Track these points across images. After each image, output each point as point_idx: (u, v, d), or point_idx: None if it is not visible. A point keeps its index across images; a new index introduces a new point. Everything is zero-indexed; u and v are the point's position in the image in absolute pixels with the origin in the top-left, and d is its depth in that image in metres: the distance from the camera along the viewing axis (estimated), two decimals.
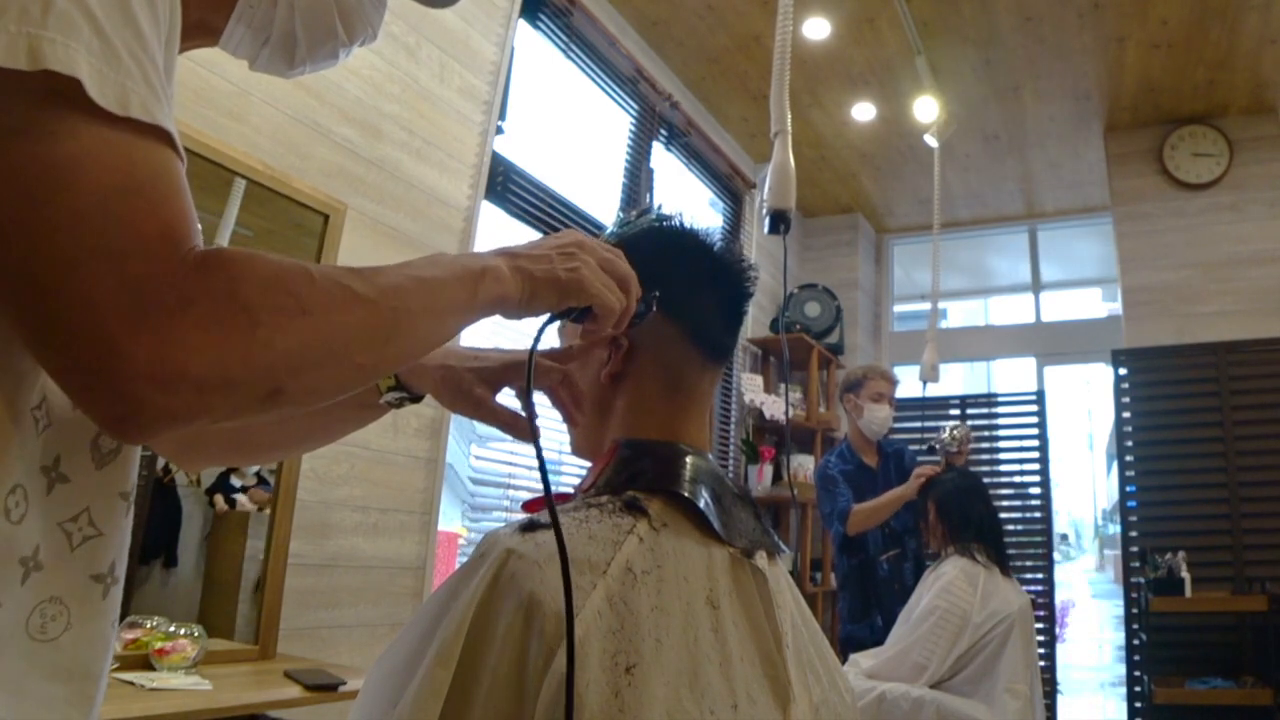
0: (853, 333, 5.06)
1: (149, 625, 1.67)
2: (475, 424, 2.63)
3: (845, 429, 3.35)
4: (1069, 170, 4.75)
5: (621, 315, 0.68)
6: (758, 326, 4.64)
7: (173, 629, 1.67)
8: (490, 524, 2.90)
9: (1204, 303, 4.06)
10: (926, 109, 3.66)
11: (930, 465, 2.86)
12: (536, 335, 0.67)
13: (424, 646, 0.60)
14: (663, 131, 3.92)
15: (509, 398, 0.82)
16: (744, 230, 4.64)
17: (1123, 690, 3.99)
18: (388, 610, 2.31)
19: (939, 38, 3.61)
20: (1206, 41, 3.59)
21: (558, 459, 2.95)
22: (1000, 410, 4.97)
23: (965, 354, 5.48)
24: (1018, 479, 4.77)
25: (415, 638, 0.62)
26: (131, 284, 0.41)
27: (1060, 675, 4.58)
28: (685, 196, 4.30)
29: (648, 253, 0.79)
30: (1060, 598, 5.82)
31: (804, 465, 4.36)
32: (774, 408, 4.39)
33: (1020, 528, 4.65)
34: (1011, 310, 6.13)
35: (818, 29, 3.58)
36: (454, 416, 2.54)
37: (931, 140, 3.63)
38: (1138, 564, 3.78)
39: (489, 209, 2.82)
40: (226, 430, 0.76)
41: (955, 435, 2.95)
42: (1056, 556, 5.10)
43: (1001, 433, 4.87)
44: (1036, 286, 5.31)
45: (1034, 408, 4.76)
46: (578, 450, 0.85)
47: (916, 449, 3.19)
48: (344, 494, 2.21)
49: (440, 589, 0.65)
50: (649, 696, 0.59)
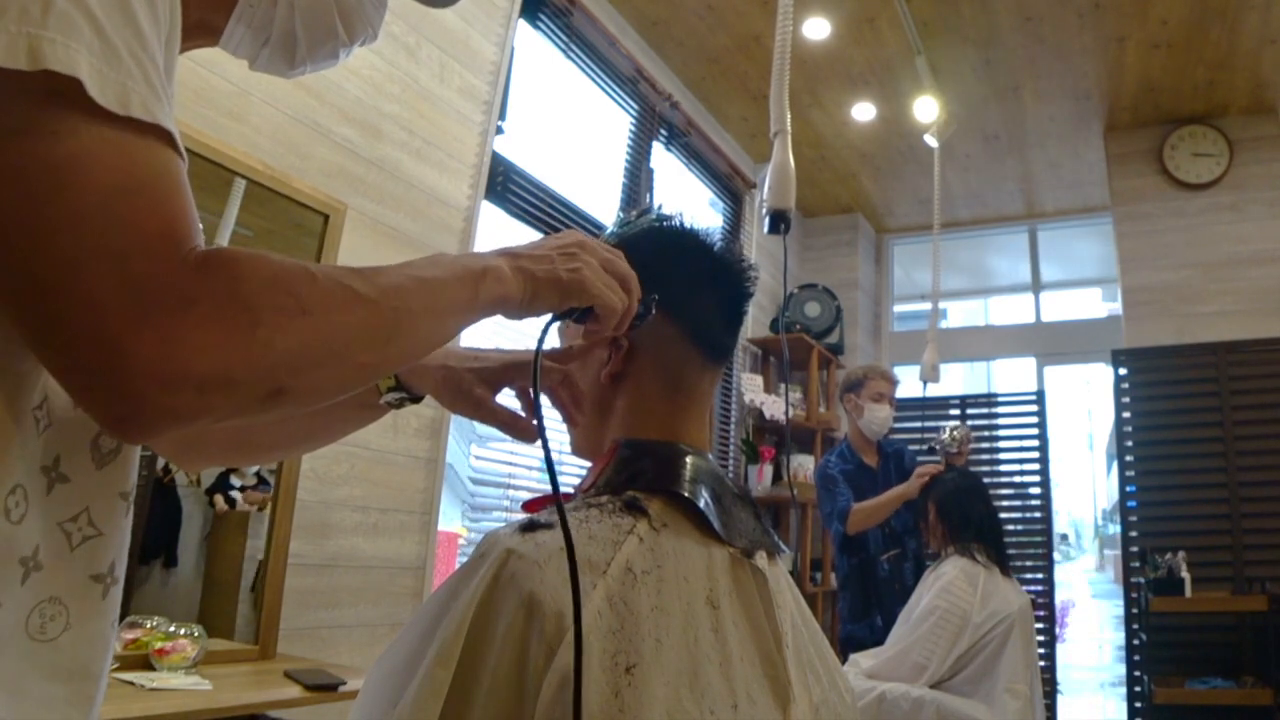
0: (853, 333, 5.06)
1: (149, 625, 1.67)
2: (475, 424, 2.63)
3: (845, 429, 3.35)
4: (1069, 170, 4.75)
5: (623, 315, 0.68)
6: (758, 326, 4.64)
7: (173, 629, 1.67)
8: (490, 524, 2.90)
9: (1204, 303, 4.06)
10: (926, 109, 3.66)
11: (933, 465, 2.86)
12: (540, 335, 0.67)
13: (424, 646, 0.60)
14: (663, 131, 3.92)
15: (509, 398, 0.82)
16: (744, 230, 4.63)
17: (1123, 690, 3.99)
18: (388, 610, 2.31)
19: (939, 38, 3.61)
20: (1206, 41, 3.59)
21: (558, 459, 2.93)
22: (1000, 410, 4.96)
23: (965, 354, 5.47)
24: (1018, 479, 4.76)
25: (415, 638, 0.62)
26: (134, 283, 0.41)
27: (1060, 675, 4.58)
28: (685, 196, 4.30)
29: (648, 253, 0.79)
30: (1060, 598, 5.82)
31: (804, 465, 4.36)
32: (774, 408, 4.39)
33: (1020, 528, 4.65)
34: (1011, 310, 6.13)
35: (818, 29, 3.58)
36: (454, 416, 2.53)
37: (931, 140, 3.63)
38: (1138, 564, 3.78)
39: (489, 209, 2.82)
40: (226, 430, 0.76)
41: (955, 436, 2.94)
42: (1056, 556, 5.10)
43: (1001, 433, 4.87)
44: (1036, 286, 5.31)
45: (1034, 408, 4.76)
46: (577, 450, 0.85)
47: (916, 449, 3.18)
48: (344, 494, 2.21)
49: (440, 589, 0.65)
50: (649, 696, 0.59)
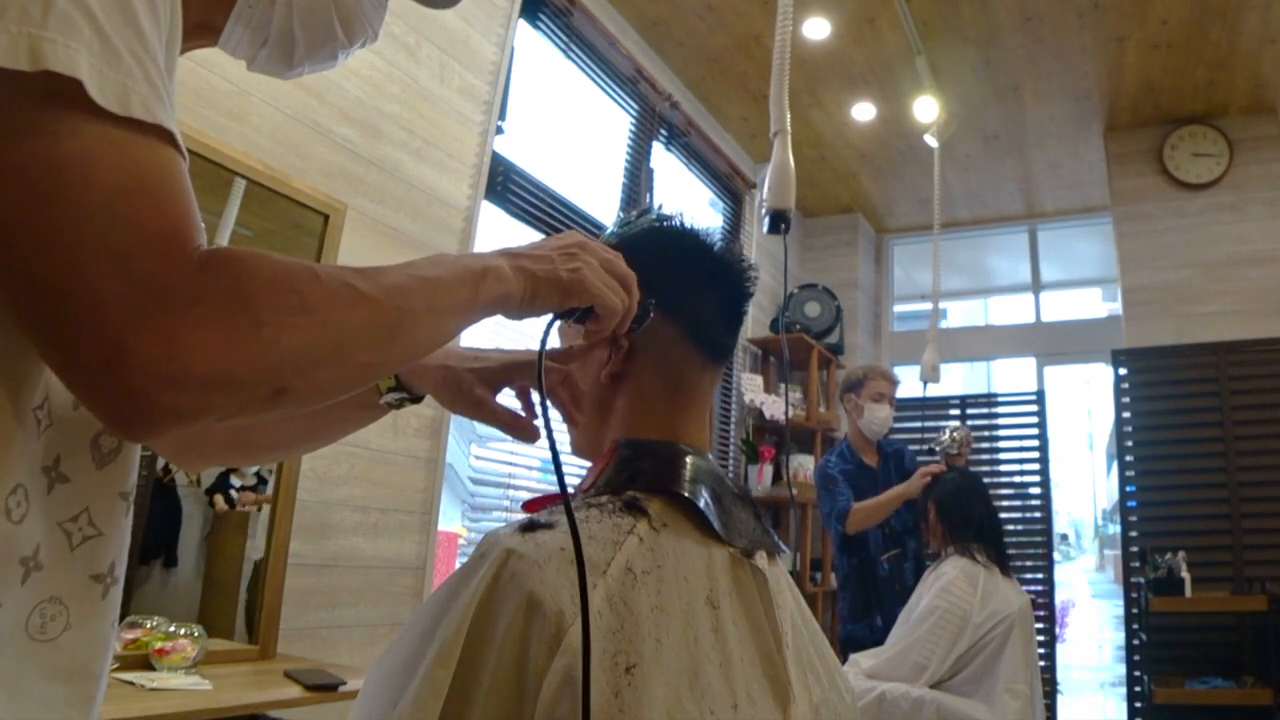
0: (853, 333, 5.06)
1: (149, 625, 1.67)
2: (475, 424, 2.63)
3: (845, 429, 3.35)
4: (1069, 170, 4.75)
5: (623, 316, 0.68)
6: (758, 326, 4.64)
7: (173, 629, 1.67)
8: (490, 524, 2.90)
9: (1204, 303, 4.06)
10: (926, 109, 3.66)
11: (935, 464, 2.86)
12: (543, 335, 0.67)
13: (424, 646, 0.60)
14: (663, 131, 3.92)
15: (509, 398, 0.82)
16: (744, 230, 4.63)
17: (1123, 690, 3.99)
18: (388, 610, 2.31)
19: (939, 38, 3.61)
20: (1206, 41, 3.59)
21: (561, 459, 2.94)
22: (1000, 410, 4.96)
23: (965, 354, 5.47)
24: (1018, 479, 4.76)
25: (415, 638, 0.62)
26: (137, 283, 0.41)
27: (1060, 675, 4.58)
28: (685, 196, 4.30)
29: (648, 253, 0.79)
30: (1060, 598, 5.82)
31: (804, 465, 4.36)
32: (774, 408, 4.39)
33: (1020, 528, 4.65)
34: (1011, 310, 6.13)
35: (818, 29, 3.58)
36: (454, 416, 2.53)
37: (931, 140, 3.63)
38: (1138, 564, 3.78)
39: (489, 209, 2.82)
40: (226, 430, 0.76)
41: (955, 437, 2.94)
42: (1056, 556, 5.10)
43: (1001, 433, 4.87)
44: (1036, 286, 5.31)
45: (1034, 408, 4.76)
46: (577, 450, 0.85)
47: (916, 449, 3.18)
48: (344, 494, 2.21)
49: (440, 589, 0.65)
50: (649, 696, 0.59)
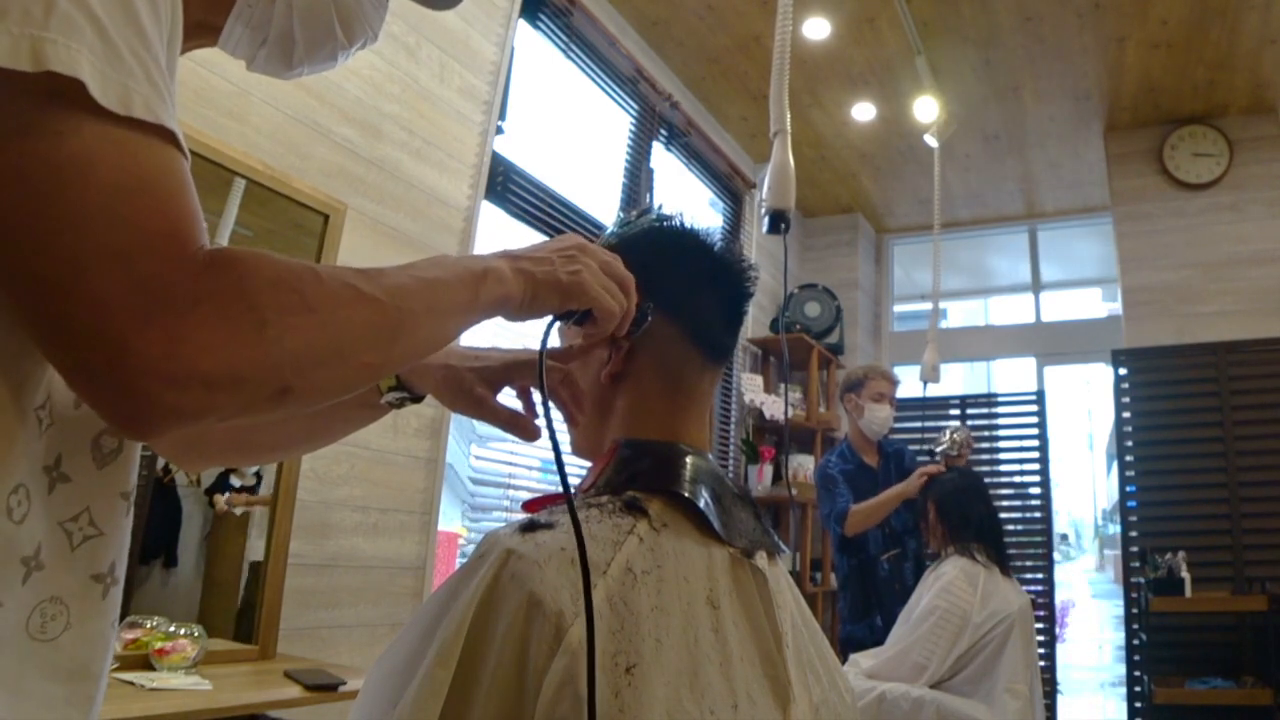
0: (853, 333, 5.06)
1: (149, 625, 1.67)
2: (475, 424, 2.63)
3: (845, 429, 3.35)
4: (1069, 170, 4.75)
5: (622, 319, 0.68)
6: (758, 326, 4.64)
7: (173, 629, 1.67)
8: (490, 524, 2.90)
9: (1204, 303, 4.06)
10: (926, 109, 3.66)
11: (933, 464, 2.86)
12: (544, 336, 0.67)
13: (424, 646, 0.60)
14: (663, 131, 3.92)
15: (509, 397, 0.82)
16: (744, 230, 4.63)
17: (1123, 690, 3.99)
18: (388, 610, 2.31)
19: (939, 38, 3.61)
20: (1206, 41, 3.59)
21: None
22: (1000, 410, 4.96)
23: (965, 354, 5.47)
24: (1018, 479, 4.76)
25: (415, 638, 0.62)
26: (141, 283, 0.41)
27: (1060, 675, 4.58)
28: (685, 196, 4.30)
29: (648, 253, 0.79)
30: (1060, 598, 5.82)
31: (804, 465, 4.36)
32: (774, 408, 4.39)
33: (1020, 528, 4.65)
34: (1011, 310, 6.13)
35: (818, 29, 3.59)
36: (454, 416, 2.54)
37: (931, 140, 3.63)
38: (1138, 564, 3.78)
39: (489, 209, 2.82)
40: (227, 430, 0.76)
41: (955, 439, 2.93)
42: (1056, 556, 5.10)
43: (1001, 433, 4.87)
44: (1036, 286, 5.31)
45: (1034, 408, 4.76)
46: (577, 450, 0.85)
47: (916, 449, 3.18)
48: (344, 494, 2.21)
49: (440, 589, 0.65)
50: (649, 696, 0.59)
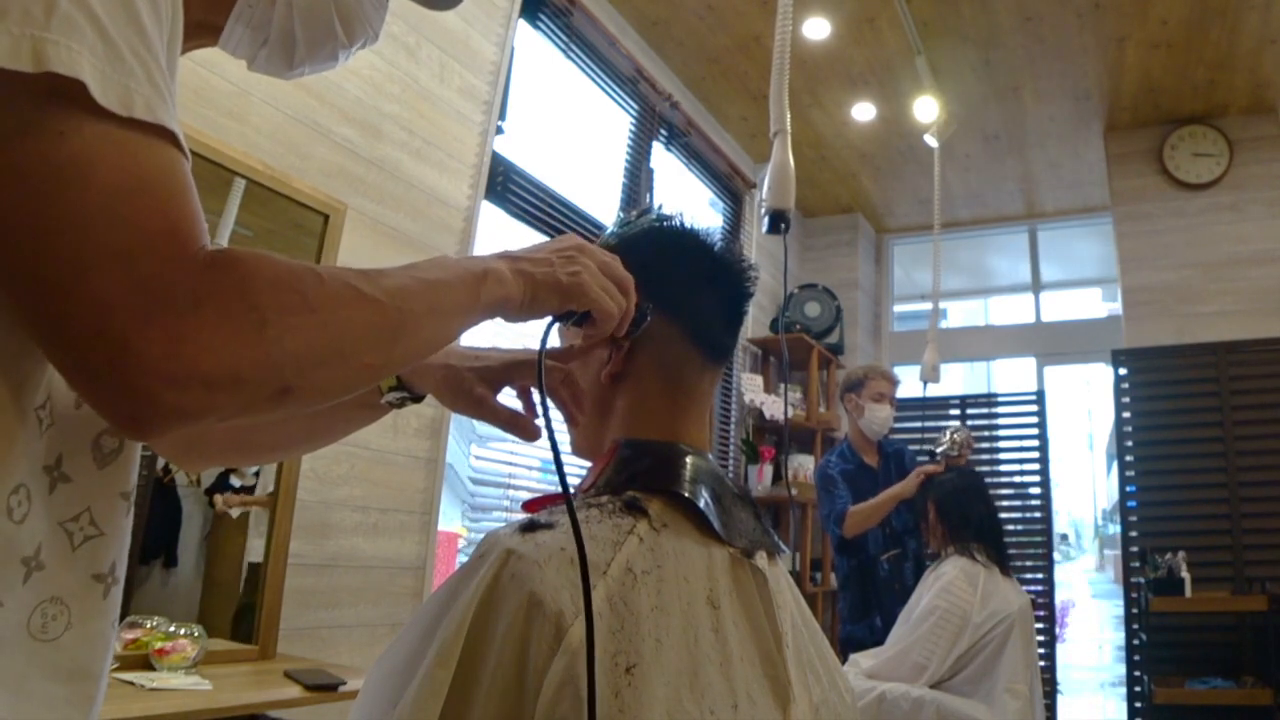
0: (853, 333, 5.06)
1: (149, 625, 1.67)
2: (475, 424, 2.63)
3: (846, 429, 3.35)
4: (1069, 170, 4.75)
5: (621, 319, 0.68)
6: (758, 326, 4.64)
7: (173, 629, 1.67)
8: (490, 524, 2.90)
9: (1204, 303, 4.06)
10: (926, 109, 3.66)
11: (930, 464, 2.86)
12: (543, 336, 0.67)
13: (424, 647, 0.60)
14: (663, 131, 3.92)
15: (510, 397, 0.82)
16: (744, 230, 4.63)
17: (1123, 690, 3.99)
18: (388, 610, 2.31)
19: (939, 38, 3.61)
20: (1206, 41, 3.59)
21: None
22: (1000, 410, 4.97)
23: (965, 354, 5.47)
24: (1018, 479, 4.77)
25: (415, 638, 0.62)
26: (142, 283, 0.41)
27: (1060, 675, 4.58)
28: (685, 196, 4.30)
29: (648, 253, 0.80)
30: (1060, 598, 5.82)
31: (804, 465, 4.36)
32: (774, 408, 4.39)
33: (1020, 528, 4.65)
34: (1011, 310, 6.13)
35: (818, 29, 3.59)
36: (454, 416, 2.54)
37: (931, 140, 3.63)
38: (1138, 564, 3.78)
39: (489, 209, 2.82)
40: (227, 431, 0.76)
41: (956, 439, 2.93)
42: (1056, 556, 5.10)
43: (1001, 433, 4.87)
44: (1036, 286, 5.31)
45: (1034, 408, 4.76)
46: (577, 450, 0.85)
47: (916, 449, 3.18)
48: (344, 494, 2.21)
49: (440, 589, 0.65)
50: (649, 696, 0.59)
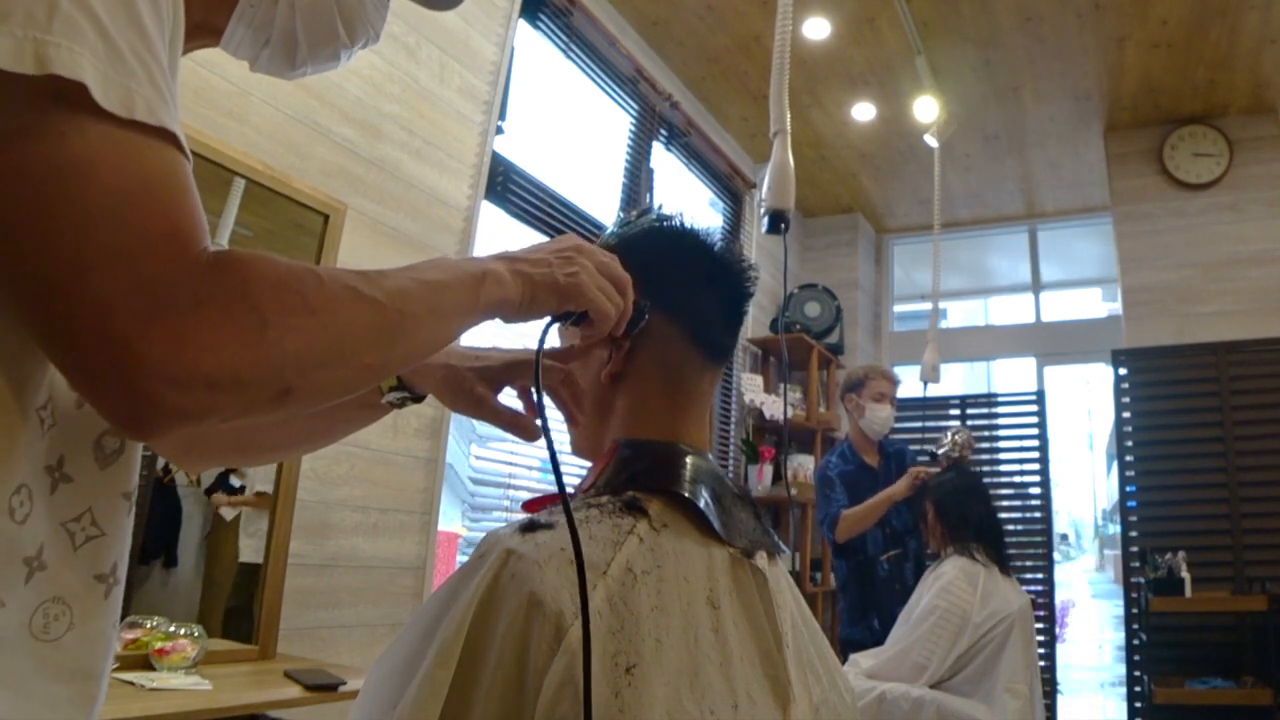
0: (853, 333, 5.06)
1: (149, 625, 1.67)
2: (475, 424, 2.63)
3: (846, 429, 3.35)
4: (1069, 170, 4.75)
5: (618, 319, 0.68)
6: (758, 326, 4.64)
7: (173, 629, 1.67)
8: (490, 524, 2.90)
9: (1204, 303, 4.06)
10: (926, 109, 3.66)
11: (924, 467, 2.85)
12: (541, 336, 0.67)
13: (424, 647, 0.60)
14: (663, 131, 3.92)
15: (510, 397, 0.82)
16: (744, 230, 4.63)
17: (1123, 690, 3.99)
18: (388, 610, 2.31)
19: (939, 38, 3.61)
20: (1206, 41, 3.59)
21: (560, 459, 2.94)
22: (1000, 410, 4.97)
23: (965, 354, 5.47)
24: (1018, 479, 4.77)
25: (415, 638, 0.62)
26: (144, 284, 0.42)
27: (1060, 675, 4.58)
28: (685, 196, 4.30)
29: (648, 253, 0.80)
30: (1060, 598, 5.82)
31: (803, 465, 4.36)
32: (774, 408, 4.39)
33: (1020, 528, 4.65)
34: (1011, 310, 6.13)
35: (818, 29, 3.59)
36: (454, 416, 2.54)
37: (931, 140, 3.63)
38: (1138, 564, 3.78)
39: (489, 209, 2.82)
40: (228, 431, 0.76)
41: (957, 440, 2.92)
42: (1056, 556, 5.10)
43: (1001, 433, 4.87)
44: (1036, 286, 5.31)
45: (1034, 408, 4.76)
46: (578, 450, 0.85)
47: (917, 449, 3.18)
48: (344, 494, 2.21)
49: (440, 589, 0.65)
50: (649, 697, 0.59)
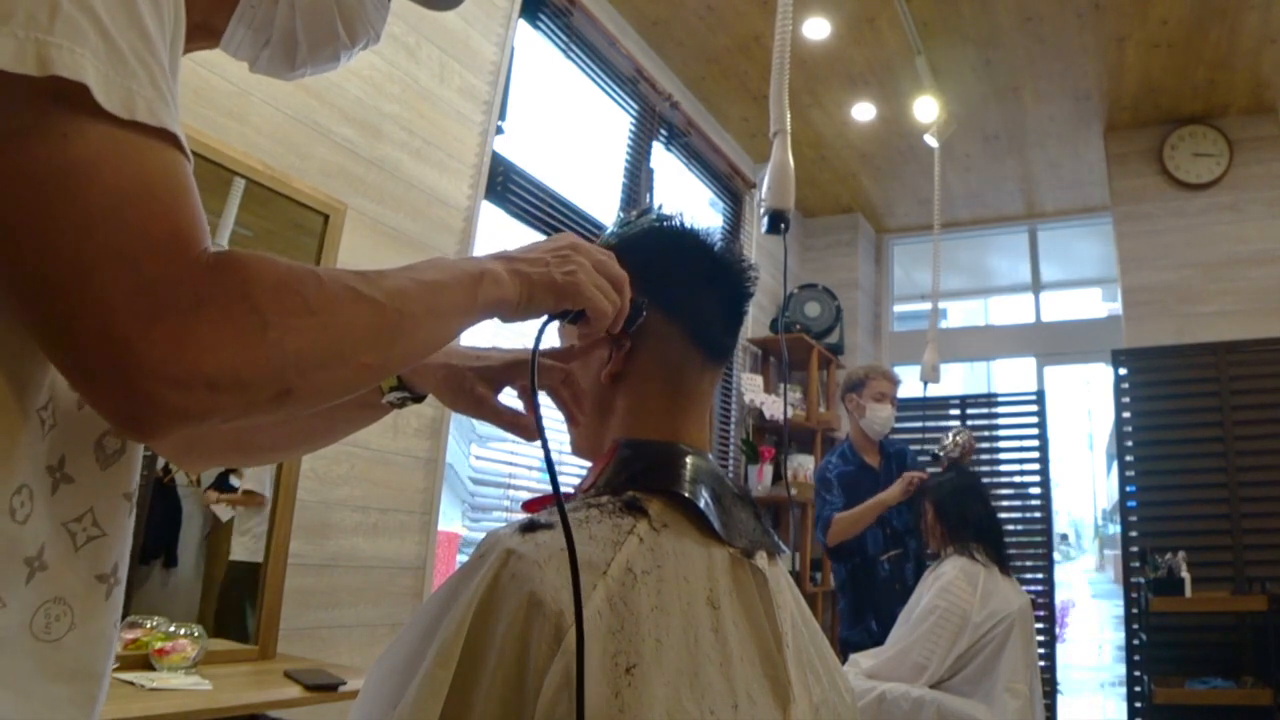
0: (853, 333, 5.06)
1: (149, 625, 1.67)
2: (475, 424, 2.63)
3: (847, 429, 3.34)
4: (1069, 170, 4.75)
5: (615, 318, 0.68)
6: (758, 326, 4.64)
7: (173, 629, 1.67)
8: (490, 524, 2.90)
9: (1204, 303, 4.06)
10: (926, 109, 3.66)
11: (918, 472, 2.84)
12: (537, 336, 0.68)
13: (424, 647, 0.60)
14: (663, 131, 3.92)
15: (510, 397, 0.82)
16: (744, 230, 4.63)
17: (1123, 690, 3.99)
18: (388, 610, 2.31)
19: (939, 38, 3.61)
20: (1206, 41, 3.59)
21: (558, 459, 2.93)
22: (1000, 410, 4.97)
23: (965, 354, 5.48)
24: (1018, 479, 4.77)
25: (415, 638, 0.62)
26: (145, 285, 0.42)
27: (1060, 675, 4.58)
28: (685, 196, 4.30)
29: (648, 253, 0.80)
30: (1060, 598, 5.82)
31: (804, 465, 4.36)
32: (774, 408, 4.39)
33: (1020, 528, 4.65)
34: (1011, 310, 6.13)
35: (818, 29, 3.59)
36: (454, 416, 2.54)
37: (931, 140, 3.63)
38: (1138, 564, 3.78)
39: (489, 209, 2.82)
40: (228, 431, 0.76)
41: (958, 441, 2.91)
42: (1056, 556, 5.10)
43: (1001, 433, 4.87)
44: (1036, 286, 5.31)
45: (1034, 408, 4.76)
46: (578, 450, 0.85)
47: (917, 449, 3.17)
48: (344, 494, 2.21)
49: (440, 589, 0.65)
50: (649, 697, 0.59)
